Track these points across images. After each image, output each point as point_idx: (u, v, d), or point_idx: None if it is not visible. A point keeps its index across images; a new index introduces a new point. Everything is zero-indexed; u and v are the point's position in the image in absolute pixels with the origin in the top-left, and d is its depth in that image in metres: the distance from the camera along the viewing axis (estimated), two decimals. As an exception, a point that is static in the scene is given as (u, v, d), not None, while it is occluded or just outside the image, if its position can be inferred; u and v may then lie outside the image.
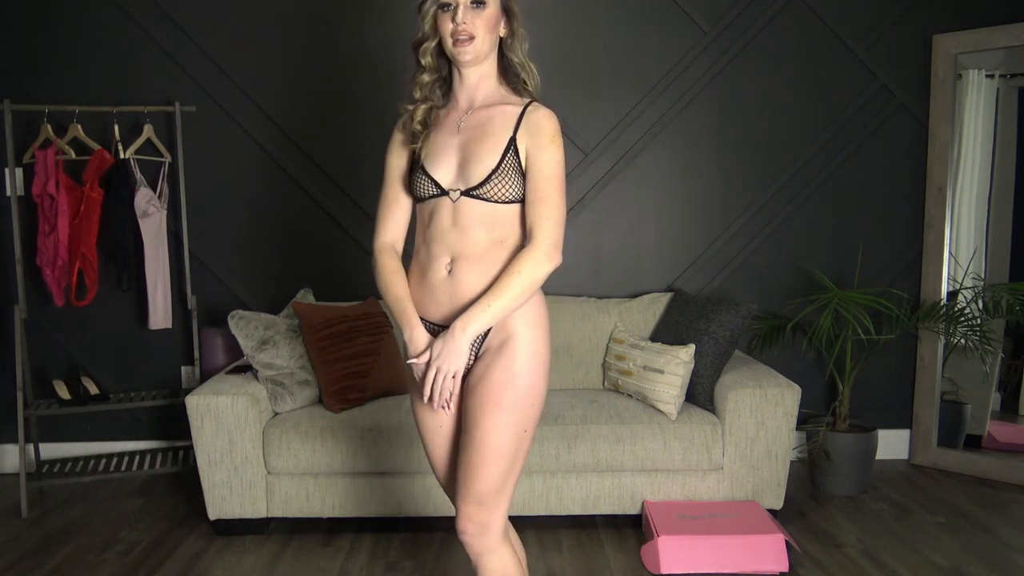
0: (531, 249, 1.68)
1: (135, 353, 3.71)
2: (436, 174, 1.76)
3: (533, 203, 1.70)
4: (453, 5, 1.69)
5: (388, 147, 1.86)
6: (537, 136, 1.72)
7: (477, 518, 1.71)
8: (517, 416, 1.69)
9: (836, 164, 3.70)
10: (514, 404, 1.69)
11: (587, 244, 3.72)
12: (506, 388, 1.69)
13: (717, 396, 3.04)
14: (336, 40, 3.62)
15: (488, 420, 1.68)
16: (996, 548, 2.85)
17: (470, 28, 1.69)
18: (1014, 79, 3.64)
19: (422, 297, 1.78)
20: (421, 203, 1.82)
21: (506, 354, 1.70)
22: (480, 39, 1.71)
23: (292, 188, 3.68)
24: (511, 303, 1.67)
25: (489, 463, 1.68)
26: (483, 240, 1.73)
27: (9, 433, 3.66)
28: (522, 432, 1.71)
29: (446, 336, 1.68)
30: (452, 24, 1.69)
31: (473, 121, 1.76)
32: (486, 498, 1.70)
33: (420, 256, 1.81)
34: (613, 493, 2.97)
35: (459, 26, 1.68)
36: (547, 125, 1.74)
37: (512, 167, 1.71)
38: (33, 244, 3.46)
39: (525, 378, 1.70)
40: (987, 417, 3.67)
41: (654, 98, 3.67)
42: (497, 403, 1.68)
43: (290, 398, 3.07)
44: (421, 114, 1.79)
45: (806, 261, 3.74)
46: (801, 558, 2.77)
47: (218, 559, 2.83)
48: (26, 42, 3.56)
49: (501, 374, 1.69)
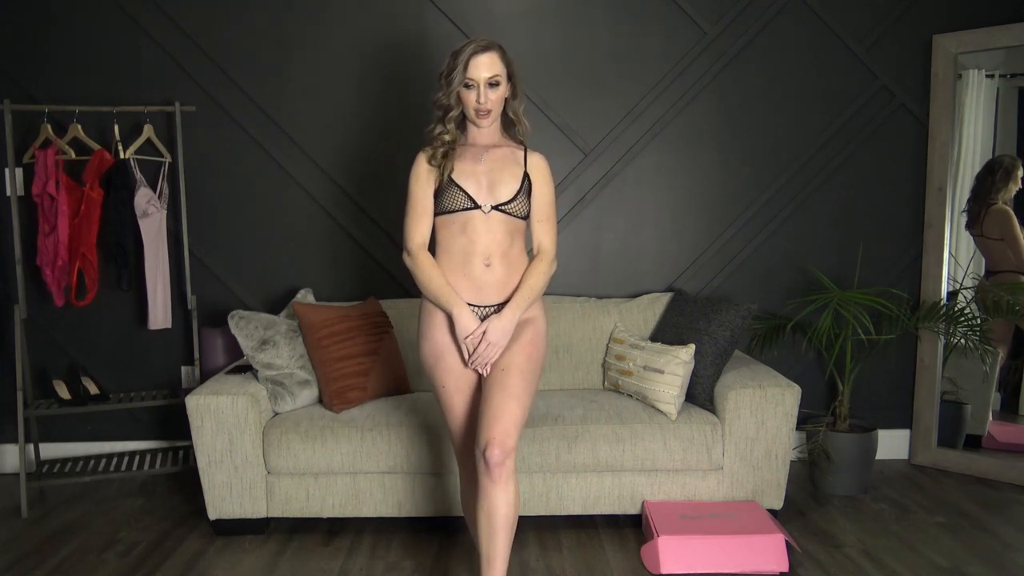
0: (543, 258, 2.35)
1: (135, 353, 3.71)
2: (469, 191, 2.28)
3: (540, 222, 2.36)
4: (475, 85, 2.24)
5: (414, 170, 2.34)
6: (539, 173, 2.36)
7: (509, 443, 2.13)
8: (536, 370, 2.30)
9: (836, 164, 3.70)
10: (538, 361, 2.31)
11: (587, 244, 3.72)
12: (533, 351, 2.30)
13: (717, 396, 3.04)
14: (337, 39, 3.62)
15: (516, 372, 2.23)
16: (996, 548, 2.85)
17: (489, 104, 2.26)
18: (1014, 79, 3.64)
19: (460, 284, 2.30)
20: (449, 215, 2.29)
21: (530, 329, 2.32)
22: (495, 111, 2.30)
23: (292, 188, 3.68)
24: (535, 296, 2.33)
25: (521, 404, 2.20)
26: (506, 243, 2.31)
27: (9, 433, 3.66)
28: (535, 387, 2.29)
29: (499, 318, 2.26)
30: (475, 101, 2.25)
31: (493, 156, 2.33)
32: (513, 429, 2.15)
33: (455, 255, 2.31)
34: (613, 493, 2.97)
35: (482, 105, 2.25)
36: (545, 166, 2.38)
37: (525, 192, 2.33)
38: (33, 244, 3.46)
39: (541, 345, 2.34)
40: (987, 417, 3.67)
41: (654, 98, 3.67)
42: (528, 357, 2.28)
43: (290, 398, 3.07)
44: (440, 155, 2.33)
45: (806, 261, 3.74)
46: (801, 558, 2.77)
47: (218, 559, 2.83)
48: (26, 42, 3.56)
49: (529, 341, 2.30)
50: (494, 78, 2.23)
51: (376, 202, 3.68)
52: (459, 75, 2.23)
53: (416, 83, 3.59)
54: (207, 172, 3.64)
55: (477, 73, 2.22)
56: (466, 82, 2.24)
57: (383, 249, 3.71)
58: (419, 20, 3.58)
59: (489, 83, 2.23)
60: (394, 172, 3.67)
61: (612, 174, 3.70)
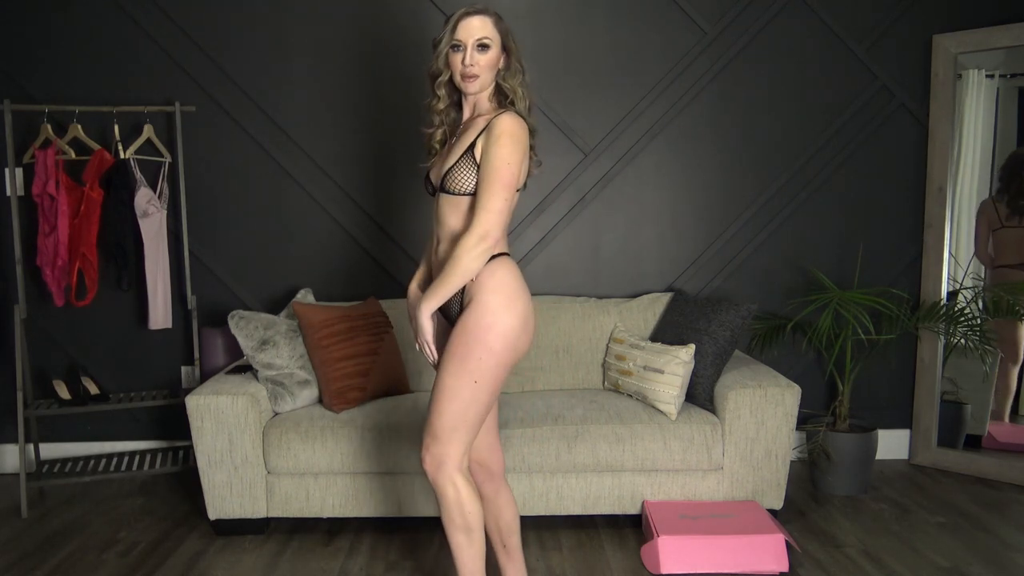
0: (466, 235, 2.00)
1: (135, 353, 3.71)
2: (431, 174, 2.19)
3: (477, 193, 2.02)
4: (463, 46, 2.07)
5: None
6: (490, 136, 2.02)
7: (433, 449, 2.03)
8: (468, 366, 2.00)
9: (836, 164, 3.71)
10: (465, 356, 2.00)
11: (587, 244, 3.72)
12: (459, 341, 2.02)
13: (717, 396, 3.04)
14: (336, 39, 3.62)
15: (445, 365, 2.03)
16: (996, 548, 2.85)
17: (475, 68, 2.07)
18: (1014, 79, 3.64)
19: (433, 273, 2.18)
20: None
21: (466, 314, 2.04)
22: (483, 76, 2.09)
23: (292, 188, 3.68)
24: (453, 282, 2.00)
25: (443, 400, 2.01)
26: (455, 225, 2.09)
27: (9, 433, 3.66)
28: (472, 382, 2.00)
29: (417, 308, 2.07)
30: (460, 63, 2.07)
31: (465, 130, 2.14)
32: (440, 432, 2.01)
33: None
34: (613, 493, 2.97)
35: (467, 67, 2.06)
36: (500, 126, 2.02)
37: (467, 163, 2.05)
38: (33, 244, 3.46)
39: (476, 334, 2.00)
40: (987, 417, 3.67)
41: (654, 98, 3.67)
42: (451, 353, 2.03)
43: (290, 398, 3.07)
44: (440, 135, 2.22)
45: (806, 261, 3.74)
46: (801, 558, 2.77)
47: (218, 559, 2.83)
48: (26, 42, 3.56)
49: (459, 329, 2.04)
50: (483, 39, 2.07)
51: (377, 202, 3.68)
52: (447, 36, 2.09)
53: (416, 82, 3.58)
54: (207, 172, 3.64)
55: (466, 34, 2.07)
56: (453, 43, 2.08)
57: (383, 249, 3.71)
58: (419, 20, 3.58)
59: (478, 44, 2.06)
60: (394, 172, 3.68)
61: (612, 174, 3.70)
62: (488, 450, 2.25)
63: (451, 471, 2.03)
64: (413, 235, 3.68)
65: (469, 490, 2.06)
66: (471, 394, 2.01)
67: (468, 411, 2.02)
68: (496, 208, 1.98)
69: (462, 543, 2.09)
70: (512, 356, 2.05)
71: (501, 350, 2.01)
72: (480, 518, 2.09)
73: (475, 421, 2.04)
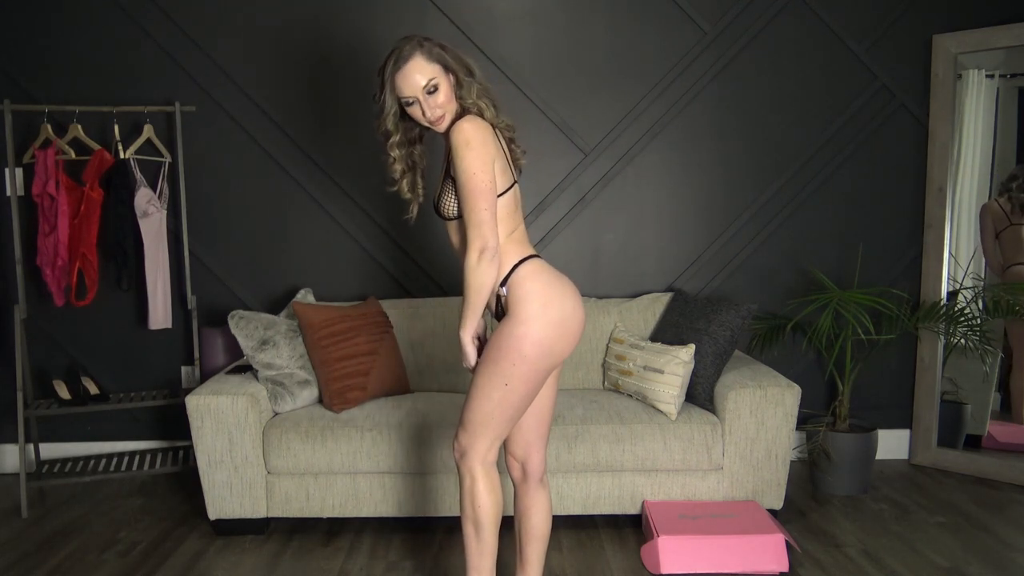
0: (466, 256, 2.01)
1: (135, 353, 3.72)
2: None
3: (462, 212, 2.01)
4: (414, 101, 2.00)
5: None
6: (453, 152, 1.98)
7: (461, 438, 2.11)
8: (501, 369, 2.04)
9: (836, 164, 3.70)
10: (497, 359, 2.04)
11: (587, 244, 3.72)
12: (494, 345, 2.06)
13: (717, 396, 3.04)
14: (337, 40, 3.62)
15: (480, 367, 2.09)
16: (996, 548, 2.85)
17: (439, 110, 2.02)
18: (1014, 79, 3.64)
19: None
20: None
21: (502, 323, 2.08)
22: (447, 108, 2.03)
23: (292, 188, 3.68)
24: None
25: (475, 398, 2.08)
26: (459, 245, 2.14)
27: (9, 433, 3.66)
28: (503, 384, 2.04)
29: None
30: (422, 116, 2.02)
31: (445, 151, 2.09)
32: (468, 425, 2.09)
33: None
34: (613, 493, 2.97)
35: (431, 115, 2.01)
36: (455, 139, 1.97)
37: (448, 187, 2.06)
38: (33, 244, 3.46)
39: (510, 342, 2.04)
40: (987, 417, 3.67)
41: (654, 98, 3.67)
42: (486, 356, 2.08)
43: (290, 398, 3.07)
44: (407, 184, 2.18)
45: (806, 261, 3.74)
46: (801, 558, 2.77)
47: (218, 559, 2.83)
48: (26, 42, 3.56)
49: (495, 335, 2.08)
50: (430, 82, 1.98)
51: (377, 202, 3.68)
52: (390, 99, 2.02)
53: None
54: (207, 172, 3.64)
55: (411, 87, 1.98)
56: (404, 101, 2.01)
57: (383, 249, 3.71)
58: (419, 20, 3.58)
59: (427, 91, 1.99)
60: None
61: (612, 174, 3.70)
62: (525, 448, 2.23)
63: (472, 462, 2.09)
64: (413, 235, 3.68)
65: (486, 484, 2.10)
66: (501, 395, 2.05)
67: (496, 411, 2.06)
68: (480, 220, 1.96)
69: (470, 534, 2.14)
70: (549, 361, 2.07)
71: (535, 357, 2.04)
72: (492, 515, 2.11)
73: (503, 420, 2.09)
